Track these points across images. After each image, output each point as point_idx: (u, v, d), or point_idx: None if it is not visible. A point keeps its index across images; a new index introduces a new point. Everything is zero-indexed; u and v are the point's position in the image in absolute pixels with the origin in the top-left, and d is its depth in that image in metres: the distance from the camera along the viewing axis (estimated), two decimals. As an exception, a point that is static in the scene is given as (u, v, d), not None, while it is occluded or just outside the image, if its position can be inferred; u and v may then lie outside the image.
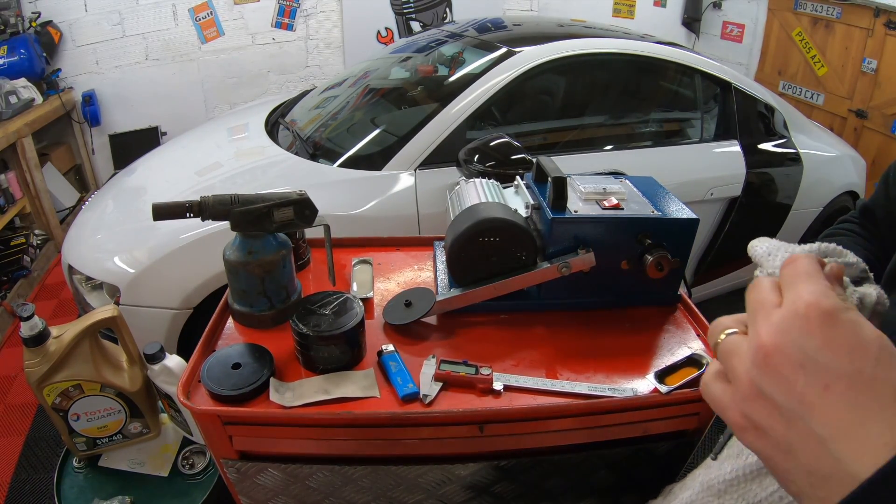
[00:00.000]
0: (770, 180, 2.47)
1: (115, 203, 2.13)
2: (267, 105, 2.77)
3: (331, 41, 4.10)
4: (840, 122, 3.84)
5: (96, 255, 1.85)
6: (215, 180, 2.04)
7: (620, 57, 2.32)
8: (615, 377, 0.82)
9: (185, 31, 3.76)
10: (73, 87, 3.59)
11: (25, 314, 0.89)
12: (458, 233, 0.90)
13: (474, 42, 2.40)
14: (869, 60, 3.58)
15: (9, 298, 2.67)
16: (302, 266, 1.08)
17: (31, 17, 3.31)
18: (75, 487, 1.04)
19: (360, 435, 0.78)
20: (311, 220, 0.91)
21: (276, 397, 0.75)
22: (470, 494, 0.86)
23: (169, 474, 1.05)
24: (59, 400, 0.96)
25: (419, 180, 1.93)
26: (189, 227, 1.72)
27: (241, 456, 0.81)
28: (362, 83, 2.56)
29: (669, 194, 1.00)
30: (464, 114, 2.00)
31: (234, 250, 0.89)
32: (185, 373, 0.79)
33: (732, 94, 2.40)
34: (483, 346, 0.88)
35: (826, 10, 3.80)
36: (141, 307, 1.72)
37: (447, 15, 4.24)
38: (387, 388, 0.79)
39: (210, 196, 0.87)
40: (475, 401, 0.78)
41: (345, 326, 0.80)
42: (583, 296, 0.96)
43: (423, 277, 1.06)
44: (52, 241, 3.19)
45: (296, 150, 2.17)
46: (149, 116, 3.84)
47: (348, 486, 0.83)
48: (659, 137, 2.49)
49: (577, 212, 0.90)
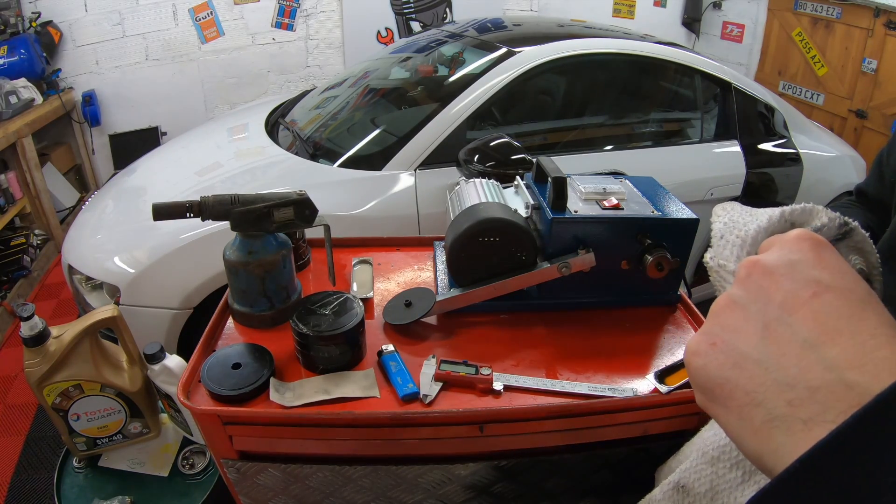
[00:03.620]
0: (770, 180, 2.47)
1: (115, 203, 2.13)
2: (267, 105, 2.78)
3: (331, 41, 4.10)
4: (840, 122, 3.84)
5: (96, 255, 1.85)
6: (215, 180, 2.04)
7: (620, 57, 2.32)
8: (615, 377, 0.82)
9: (185, 31, 3.76)
10: (73, 87, 3.59)
11: (25, 314, 0.89)
12: (458, 233, 0.90)
13: (474, 42, 2.40)
14: (869, 60, 3.58)
15: (9, 298, 2.67)
16: (302, 266, 1.08)
17: (31, 17, 3.31)
18: (75, 487, 1.04)
19: (360, 435, 0.78)
20: (311, 220, 0.91)
21: (276, 397, 0.75)
22: (470, 494, 0.86)
23: (169, 474, 1.05)
24: (59, 400, 0.96)
25: (419, 180, 1.93)
26: (189, 227, 1.72)
27: (241, 456, 0.81)
28: (362, 83, 2.56)
29: (669, 194, 1.00)
30: (464, 114, 2.00)
31: (234, 250, 0.89)
32: (185, 373, 0.79)
33: (732, 95, 2.40)
34: (483, 346, 0.88)
35: (826, 11, 3.80)
36: (141, 307, 1.72)
37: (447, 15, 4.24)
38: (387, 388, 0.79)
39: (210, 196, 0.87)
40: (475, 401, 0.78)
41: (345, 326, 0.80)
42: (583, 296, 0.96)
43: (423, 277, 1.06)
44: (52, 241, 3.19)
45: (296, 150, 2.17)
46: (149, 116, 3.84)
47: (348, 486, 0.83)
48: (659, 137, 2.50)
49: (577, 212, 0.90)
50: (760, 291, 0.30)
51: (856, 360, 0.25)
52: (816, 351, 0.26)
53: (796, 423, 0.26)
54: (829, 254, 0.30)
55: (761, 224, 0.44)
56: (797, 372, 0.26)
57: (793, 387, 0.26)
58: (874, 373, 0.24)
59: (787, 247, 0.31)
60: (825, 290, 0.28)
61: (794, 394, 0.26)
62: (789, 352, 0.27)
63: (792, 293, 0.29)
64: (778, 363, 0.27)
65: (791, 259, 0.30)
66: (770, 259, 0.31)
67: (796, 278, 0.29)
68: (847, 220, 0.45)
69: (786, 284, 0.29)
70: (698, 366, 0.31)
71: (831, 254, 0.30)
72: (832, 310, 0.27)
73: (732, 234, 0.44)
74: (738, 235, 0.44)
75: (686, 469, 0.57)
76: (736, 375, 0.29)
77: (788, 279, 0.29)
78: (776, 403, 0.26)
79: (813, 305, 0.28)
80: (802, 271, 0.29)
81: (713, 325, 0.32)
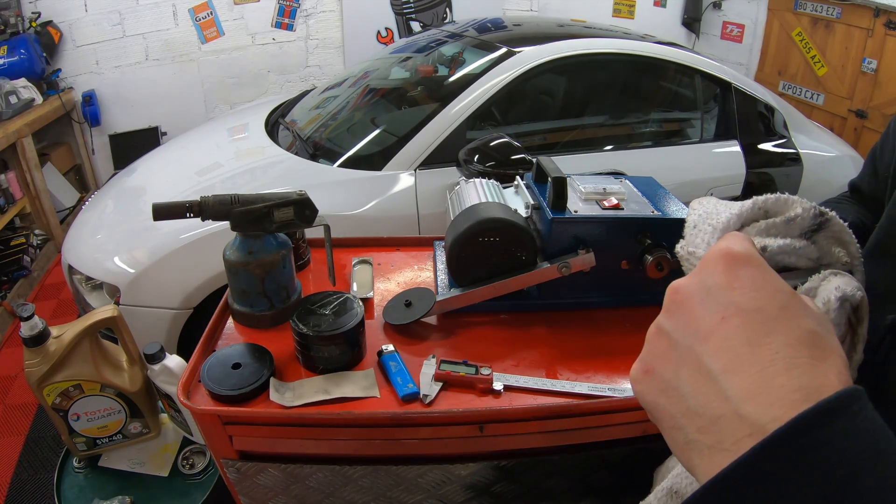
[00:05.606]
0: (770, 180, 2.47)
1: (115, 203, 2.13)
2: (267, 105, 2.78)
3: (331, 41, 4.10)
4: (840, 122, 3.84)
5: (96, 255, 1.85)
6: (215, 180, 2.04)
7: (620, 57, 2.32)
8: (615, 377, 0.82)
9: (185, 31, 3.76)
10: (73, 87, 3.59)
11: (25, 314, 0.89)
12: (458, 233, 0.90)
13: (474, 42, 2.40)
14: (869, 60, 3.58)
15: (9, 298, 2.67)
16: (302, 266, 1.08)
17: (31, 17, 3.31)
18: (75, 487, 1.04)
19: (360, 435, 0.78)
20: (311, 220, 0.91)
21: (276, 397, 0.75)
22: (470, 494, 0.86)
23: (169, 474, 1.05)
24: (59, 400, 0.96)
25: (419, 180, 1.93)
26: (189, 228, 1.72)
27: (241, 456, 0.81)
28: (362, 83, 2.56)
29: (669, 194, 1.00)
30: (464, 114, 2.00)
31: (234, 250, 0.89)
32: (185, 373, 0.79)
33: (732, 95, 2.40)
34: (483, 346, 0.88)
35: (826, 11, 3.80)
36: (141, 307, 1.72)
37: (447, 15, 4.24)
38: (387, 388, 0.79)
39: (210, 196, 0.87)
40: (475, 401, 0.78)
41: (345, 326, 0.80)
42: (583, 296, 0.96)
43: (423, 277, 1.06)
44: (52, 241, 3.19)
45: (296, 150, 2.17)
46: (149, 116, 3.84)
47: (348, 486, 0.83)
48: (659, 137, 2.50)
49: (577, 212, 0.90)
50: (680, 319, 0.31)
51: (752, 391, 0.26)
52: (719, 382, 0.28)
53: (704, 448, 0.28)
54: (745, 271, 0.30)
55: (733, 212, 0.44)
56: (704, 401, 0.28)
57: (700, 415, 0.28)
58: (767, 403, 0.26)
59: (705, 269, 0.31)
60: (733, 315, 0.28)
61: (701, 421, 0.28)
62: (699, 380, 0.29)
63: (704, 320, 0.29)
64: (690, 391, 0.29)
65: (706, 284, 0.30)
66: (688, 285, 0.31)
67: (708, 304, 0.29)
68: (823, 210, 0.44)
69: (699, 311, 0.30)
70: (638, 391, 0.33)
71: (747, 270, 0.30)
72: (737, 336, 0.28)
73: (706, 223, 0.44)
74: (710, 223, 0.44)
75: (678, 474, 0.57)
76: (664, 402, 0.31)
77: (701, 306, 0.30)
78: (690, 429, 0.29)
79: (720, 333, 0.28)
80: (715, 296, 0.29)
81: (647, 353, 0.33)
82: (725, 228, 0.43)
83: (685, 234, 0.45)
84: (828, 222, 0.44)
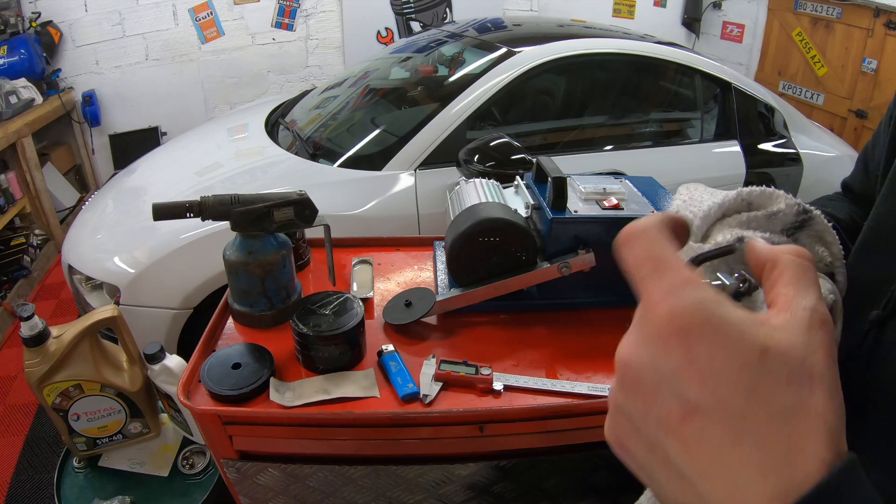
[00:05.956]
0: (770, 180, 2.47)
1: (115, 203, 2.13)
2: (267, 105, 2.77)
3: (331, 41, 4.10)
4: (840, 122, 3.84)
5: (96, 255, 1.85)
6: (215, 180, 2.04)
7: (620, 57, 2.32)
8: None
9: (185, 31, 3.76)
10: (73, 87, 3.59)
11: (25, 314, 0.89)
12: (458, 233, 0.90)
13: (474, 42, 2.40)
14: (869, 60, 3.58)
15: (9, 298, 2.67)
16: (302, 266, 1.08)
17: (31, 17, 3.31)
18: (75, 487, 1.04)
19: (360, 435, 0.78)
20: (311, 220, 0.91)
21: (276, 397, 0.75)
22: (470, 494, 0.86)
23: (169, 474, 1.05)
24: (59, 400, 0.96)
25: (419, 180, 1.93)
26: (189, 228, 1.72)
27: (241, 456, 0.81)
28: (362, 83, 2.56)
29: (669, 194, 1.00)
30: (464, 114, 2.00)
31: (234, 250, 0.89)
32: (185, 373, 0.79)
33: (732, 95, 2.40)
34: (483, 346, 0.88)
35: (826, 11, 3.80)
36: (141, 307, 1.72)
37: (447, 15, 4.24)
38: (387, 388, 0.79)
39: (210, 196, 0.87)
40: (475, 401, 0.78)
41: (345, 326, 0.80)
42: (583, 296, 0.96)
43: (423, 277, 1.06)
44: (52, 241, 3.19)
45: (296, 150, 2.17)
46: (149, 116, 3.84)
47: (348, 486, 0.83)
48: (659, 137, 2.50)
49: (577, 212, 0.90)
50: (636, 402, 0.28)
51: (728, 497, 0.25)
52: (691, 484, 0.26)
53: None
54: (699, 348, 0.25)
55: (716, 201, 0.43)
56: (679, 496, 0.27)
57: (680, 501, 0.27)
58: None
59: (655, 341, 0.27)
60: (693, 414, 0.25)
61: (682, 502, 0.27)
62: (670, 476, 0.27)
63: (663, 410, 0.27)
64: (664, 482, 0.28)
65: (657, 366, 0.27)
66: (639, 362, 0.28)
67: (663, 393, 0.26)
68: (807, 208, 0.43)
69: (654, 398, 0.27)
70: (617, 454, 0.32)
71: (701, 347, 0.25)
72: (701, 439, 0.25)
73: (688, 210, 0.44)
74: (692, 211, 0.43)
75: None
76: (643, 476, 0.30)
77: (655, 393, 0.27)
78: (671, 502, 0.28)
79: (682, 434, 0.26)
80: (670, 384, 0.26)
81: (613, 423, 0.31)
82: (706, 217, 0.43)
83: None
84: (811, 220, 0.44)
